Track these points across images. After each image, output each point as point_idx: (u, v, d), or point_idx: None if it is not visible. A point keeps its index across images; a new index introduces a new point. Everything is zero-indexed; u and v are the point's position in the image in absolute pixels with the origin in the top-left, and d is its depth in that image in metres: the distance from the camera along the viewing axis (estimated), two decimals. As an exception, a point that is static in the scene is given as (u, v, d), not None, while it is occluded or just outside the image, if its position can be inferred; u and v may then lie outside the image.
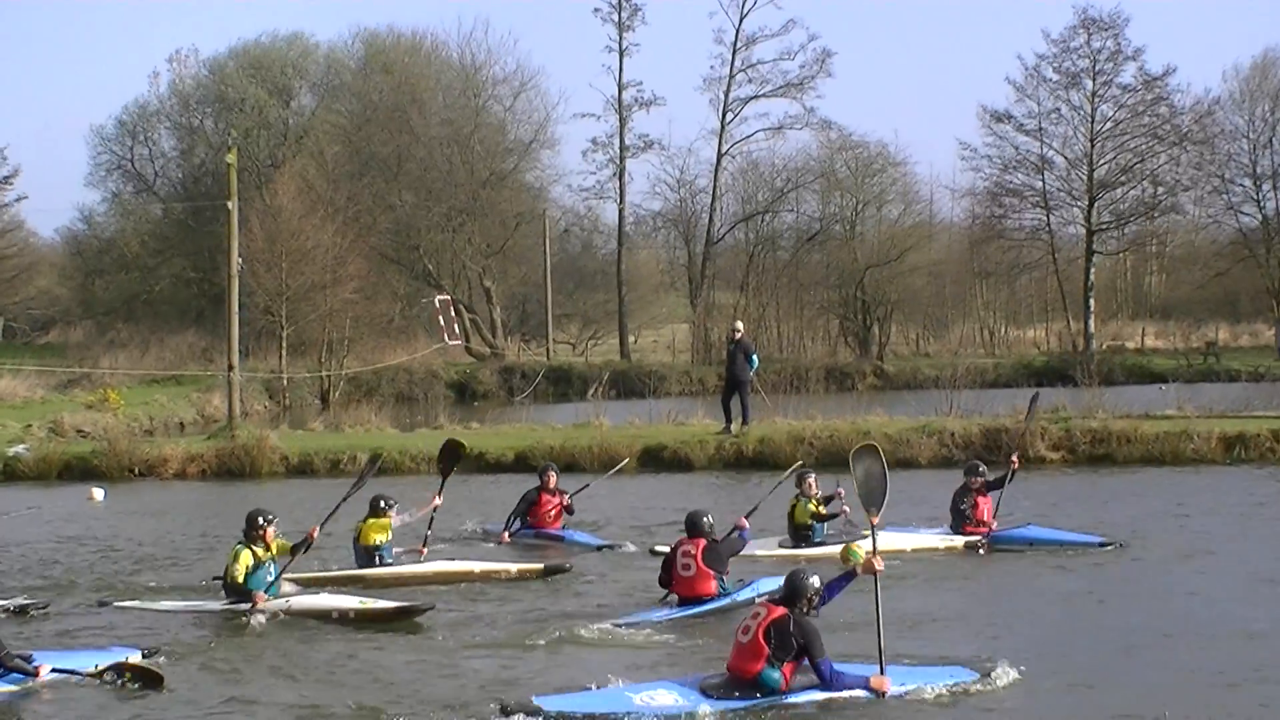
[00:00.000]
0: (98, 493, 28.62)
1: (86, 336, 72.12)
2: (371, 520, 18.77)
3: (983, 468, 20.88)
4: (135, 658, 13.88)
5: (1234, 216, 70.75)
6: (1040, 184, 71.02)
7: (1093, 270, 69.47)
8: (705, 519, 16.34)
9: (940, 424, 31.56)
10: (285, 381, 53.62)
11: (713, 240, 73.98)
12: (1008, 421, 30.82)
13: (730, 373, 32.82)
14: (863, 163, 73.73)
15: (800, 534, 20.04)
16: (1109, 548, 19.29)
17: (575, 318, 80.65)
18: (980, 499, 20.26)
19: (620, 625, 15.28)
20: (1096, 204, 69.67)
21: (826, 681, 12.15)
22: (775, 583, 14.99)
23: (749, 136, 74.61)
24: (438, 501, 19.66)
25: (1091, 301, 68.57)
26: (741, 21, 73.06)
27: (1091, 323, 68.10)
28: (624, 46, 73.62)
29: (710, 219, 74.18)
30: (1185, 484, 25.95)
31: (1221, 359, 61.39)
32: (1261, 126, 68.81)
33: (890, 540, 18.42)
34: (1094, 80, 69.47)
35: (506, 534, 21.66)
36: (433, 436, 34.81)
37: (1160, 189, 71.77)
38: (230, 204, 39.39)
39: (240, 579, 16.18)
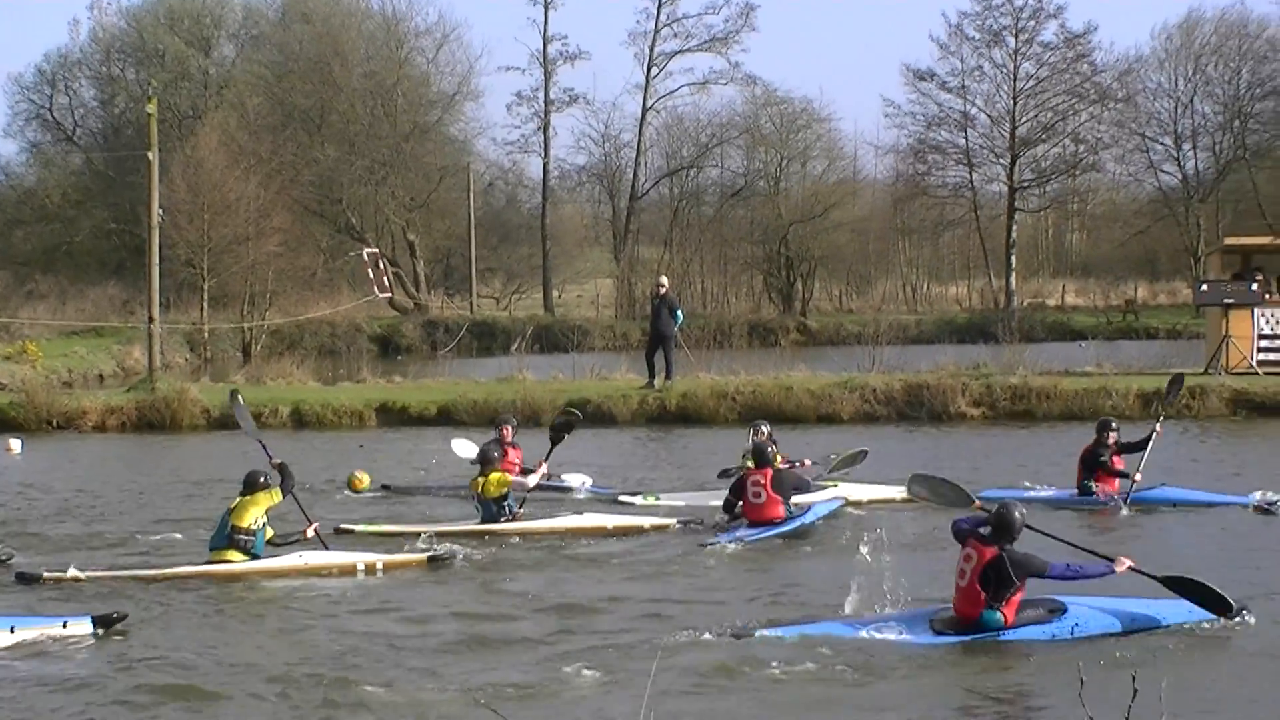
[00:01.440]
0: (15, 444, 28.37)
1: (4, 288, 71.22)
2: (494, 475, 18.51)
3: (1115, 423, 20.14)
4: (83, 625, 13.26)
5: (1154, 175, 71.75)
6: (963, 141, 71.48)
7: (1015, 227, 69.96)
8: (769, 449, 18.08)
9: (863, 380, 31.67)
10: (206, 334, 53.32)
11: (637, 195, 74.00)
12: (929, 378, 31.05)
13: (654, 328, 32.81)
14: (787, 119, 73.81)
15: None
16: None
17: (499, 272, 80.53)
18: (1115, 457, 19.79)
19: (705, 545, 16.64)
20: (1019, 161, 70.12)
21: (1071, 579, 12.50)
22: (830, 506, 18.06)
23: (674, 91, 74.74)
24: (544, 469, 19.24)
25: (1013, 259, 69.06)
26: (667, -25, 72.96)
27: (1013, 280, 68.56)
28: (549, -1, 73.38)
29: (635, 174, 74.27)
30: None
31: (1140, 317, 62.01)
32: (1184, 86, 69.50)
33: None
34: (1016, 38, 69.89)
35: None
36: (355, 390, 34.75)
37: (1081, 147, 72.39)
38: (150, 155, 38.96)
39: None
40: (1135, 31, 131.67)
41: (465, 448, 22.51)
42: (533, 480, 18.64)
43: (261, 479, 16.05)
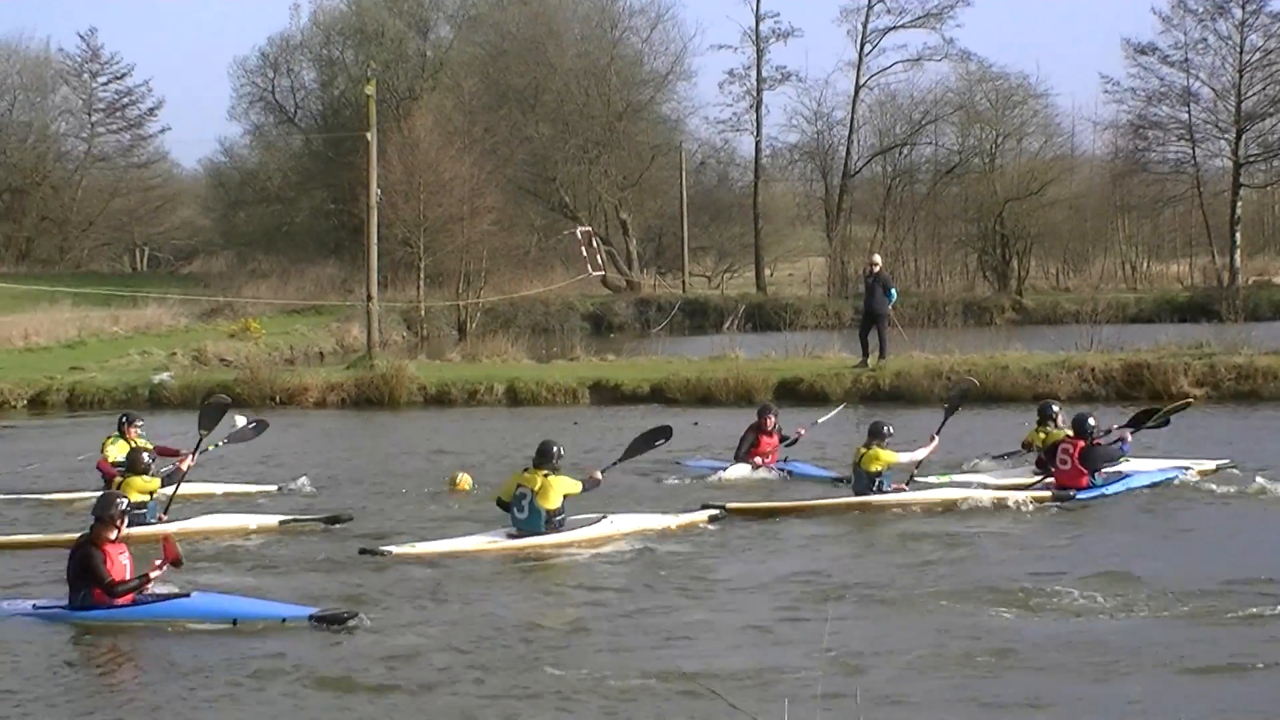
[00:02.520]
0: (240, 419, 28.99)
1: (228, 267, 73.13)
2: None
3: None
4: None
5: (1391, 149, 69.06)
6: (1185, 116, 69.50)
7: (1239, 204, 67.93)
8: (1089, 420, 19.47)
9: (1080, 359, 31.19)
10: (423, 312, 54.00)
11: (849, 173, 73.36)
12: (1149, 356, 30.46)
13: (868, 306, 32.68)
14: (1003, 95, 72.63)
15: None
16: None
17: (711, 250, 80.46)
18: None
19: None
20: (1244, 136, 68.10)
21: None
22: (1149, 478, 19.54)
23: (887, 68, 73.76)
24: (935, 442, 19.76)
25: (1238, 236, 67.00)
26: (881, -50, 72.26)
27: (1238, 257, 66.53)
28: (762, -23, 73.09)
29: (847, 152, 73.56)
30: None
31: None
32: None
33: None
34: (1243, 9, 67.73)
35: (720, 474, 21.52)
36: (568, 368, 35.05)
37: (1313, 120, 70.04)
38: (369, 135, 39.65)
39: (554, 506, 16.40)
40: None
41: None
42: (921, 453, 19.35)
43: (555, 449, 16.53)
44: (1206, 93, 69.04)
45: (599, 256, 65.25)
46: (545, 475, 16.23)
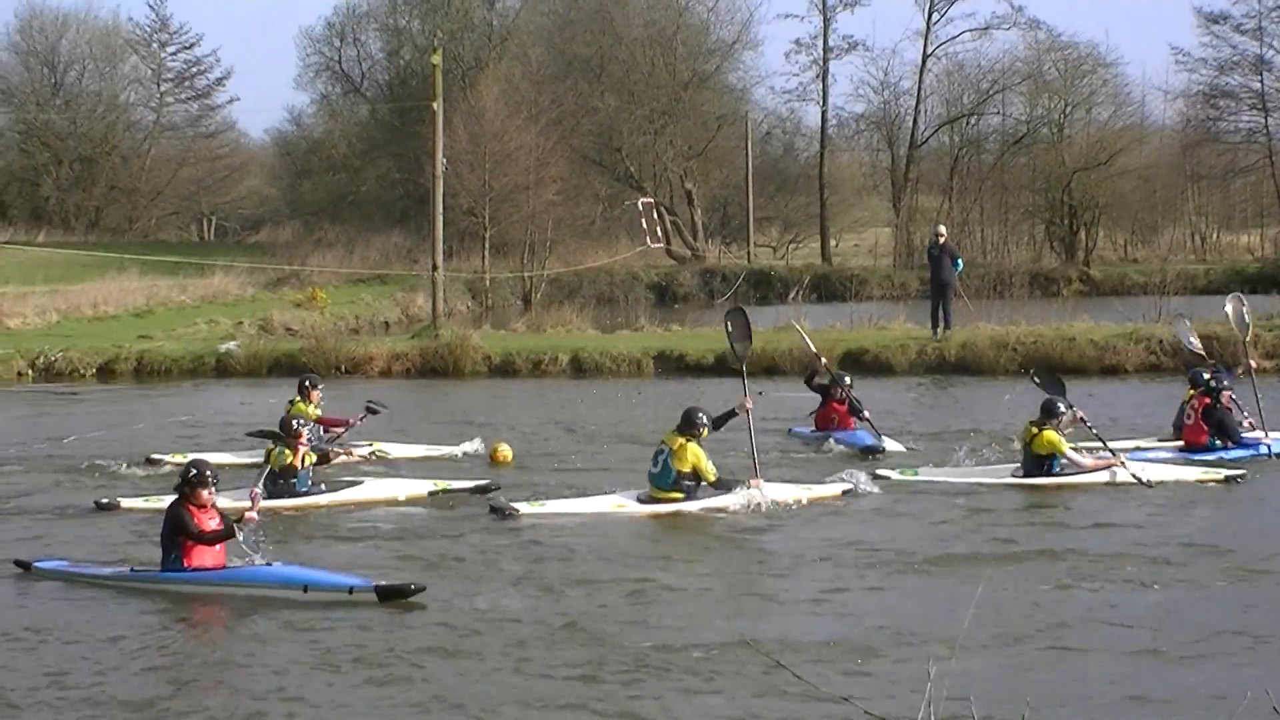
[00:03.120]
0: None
1: (294, 236, 73.33)
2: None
3: None
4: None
5: None
6: (1258, 85, 69.06)
7: (1313, 174, 67.66)
8: (1203, 374, 20.10)
9: (1149, 331, 31.08)
10: (488, 282, 54.08)
11: (916, 143, 72.98)
12: (1219, 328, 30.17)
13: (935, 276, 32.57)
14: (1071, 64, 72.07)
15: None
16: None
17: (776, 221, 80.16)
18: None
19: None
20: (1319, 106, 67.67)
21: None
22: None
23: (955, 38, 73.25)
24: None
25: (1310, 206, 66.86)
26: (948, -81, 71.77)
27: (1309, 228, 66.38)
28: (829, -55, 72.77)
29: (914, 122, 73.16)
30: None
31: None
32: None
33: None
34: (1317, -24, 67.29)
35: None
36: (633, 338, 35.09)
37: (1388, 88, 69.33)
38: (435, 105, 39.65)
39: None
40: None
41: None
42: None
43: (699, 416, 17.07)
44: (1280, 61, 68.45)
45: (659, 229, 65.21)
46: (684, 440, 16.85)
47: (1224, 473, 18.23)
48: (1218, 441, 19.53)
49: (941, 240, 32.97)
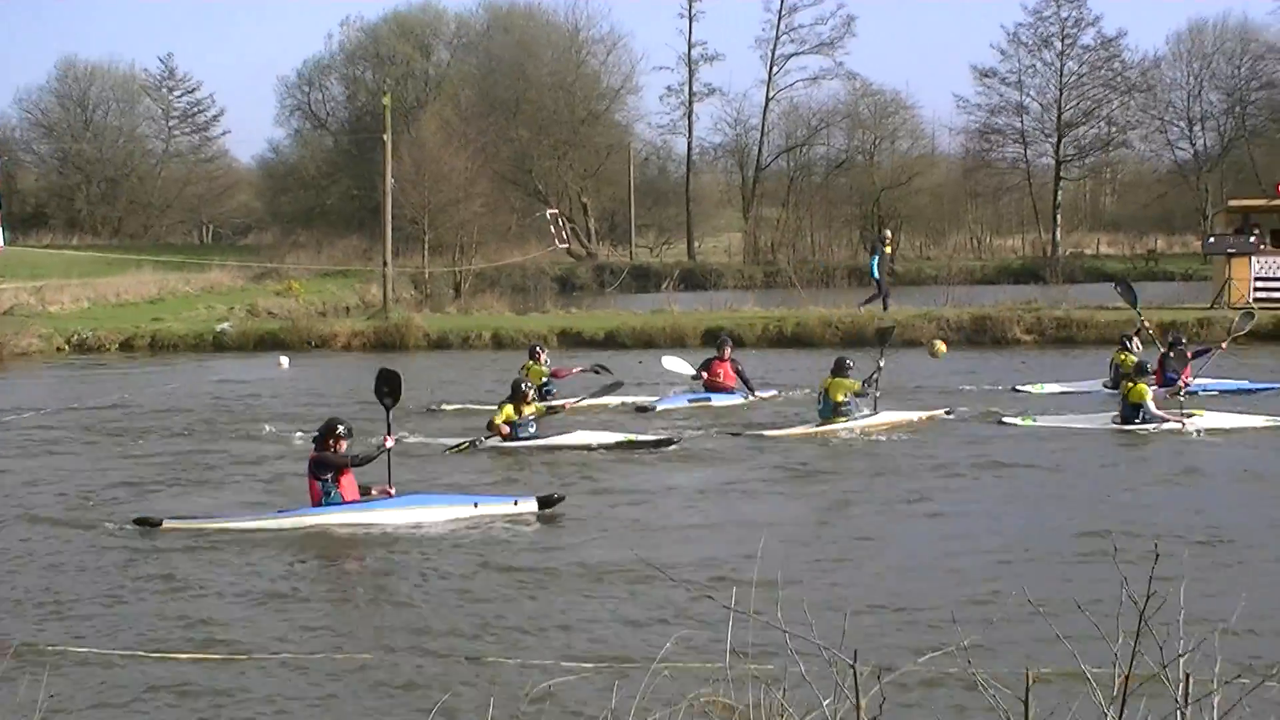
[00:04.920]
0: (284, 360, 28.88)
1: (275, 239, 72.27)
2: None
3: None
4: (528, 504, 12.90)
5: (1171, 151, 70.16)
6: (1019, 124, 70.36)
7: (1060, 192, 69.04)
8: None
9: (939, 312, 31.47)
10: (427, 275, 53.56)
11: (761, 167, 73.25)
12: (991, 310, 30.75)
13: (885, 268, 34.27)
14: (880, 106, 72.62)
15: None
16: None
17: (652, 227, 79.98)
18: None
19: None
20: (1063, 140, 68.95)
21: None
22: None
23: (790, 85, 73.66)
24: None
25: (1058, 217, 68.22)
26: (785, -6, 71.98)
27: (1058, 234, 67.64)
28: (693, 13, 72.97)
29: (759, 150, 73.44)
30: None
31: (1160, 263, 60.56)
32: (1193, 80, 68.13)
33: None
34: (1062, 42, 68.56)
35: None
36: (541, 319, 35.00)
37: (1114, 128, 71.06)
38: (385, 138, 39.44)
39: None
40: (1155, 35, 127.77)
41: (677, 363, 22.33)
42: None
43: (847, 362, 18.14)
44: (1035, 106, 70.05)
45: (563, 233, 65.01)
46: (834, 378, 18.00)
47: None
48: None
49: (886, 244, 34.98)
